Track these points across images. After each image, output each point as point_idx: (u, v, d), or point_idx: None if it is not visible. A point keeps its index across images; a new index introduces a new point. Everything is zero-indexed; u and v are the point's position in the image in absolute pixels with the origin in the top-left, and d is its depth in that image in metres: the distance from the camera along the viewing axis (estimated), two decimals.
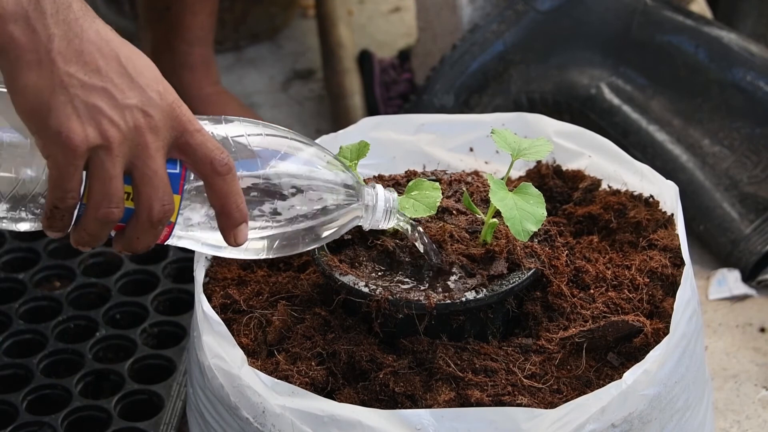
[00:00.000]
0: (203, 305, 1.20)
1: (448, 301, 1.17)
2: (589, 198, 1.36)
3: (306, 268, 1.29)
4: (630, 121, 1.87)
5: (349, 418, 1.09)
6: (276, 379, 1.13)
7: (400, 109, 2.01)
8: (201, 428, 1.24)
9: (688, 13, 1.92)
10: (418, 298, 1.17)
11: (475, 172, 1.38)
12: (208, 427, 1.21)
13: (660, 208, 1.33)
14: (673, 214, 1.32)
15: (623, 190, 1.36)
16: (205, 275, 1.29)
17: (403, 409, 1.12)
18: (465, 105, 1.92)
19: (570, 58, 1.92)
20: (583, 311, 1.21)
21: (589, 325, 1.19)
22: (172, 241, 1.12)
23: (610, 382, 1.13)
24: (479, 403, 1.13)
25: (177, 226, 1.10)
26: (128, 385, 1.52)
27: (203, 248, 1.14)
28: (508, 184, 1.22)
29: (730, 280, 1.77)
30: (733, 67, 1.85)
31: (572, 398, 1.13)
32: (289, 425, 1.11)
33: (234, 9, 2.31)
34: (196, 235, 1.12)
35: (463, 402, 1.13)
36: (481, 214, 1.26)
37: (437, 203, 1.21)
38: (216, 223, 1.10)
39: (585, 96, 1.90)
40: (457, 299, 1.17)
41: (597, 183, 1.37)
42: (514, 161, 1.26)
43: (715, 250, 1.81)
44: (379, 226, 1.20)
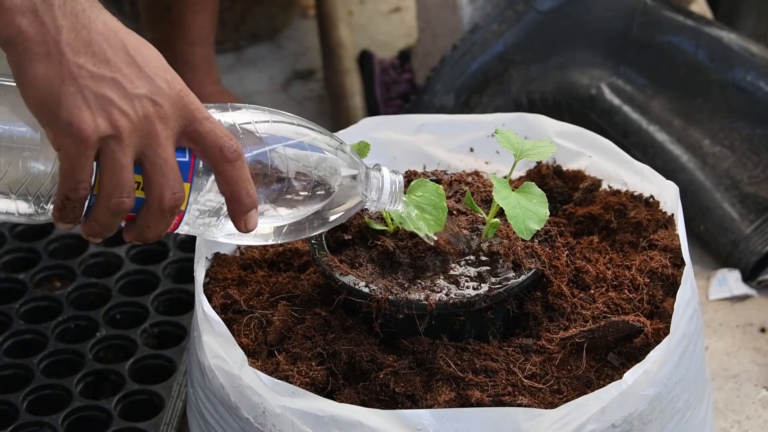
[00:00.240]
0: (204, 305, 1.20)
1: (449, 302, 1.17)
2: (589, 198, 1.36)
3: (306, 269, 1.29)
4: (630, 122, 1.87)
5: (350, 418, 1.09)
6: (276, 380, 1.13)
7: (401, 110, 2.01)
8: (201, 428, 1.24)
9: (688, 13, 1.92)
10: (419, 299, 1.17)
11: (476, 173, 1.38)
12: (209, 427, 1.21)
13: (660, 208, 1.33)
14: (673, 215, 1.32)
15: (623, 190, 1.36)
16: (206, 275, 1.29)
17: (404, 409, 1.12)
18: (465, 105, 1.92)
19: (570, 58, 1.92)
20: (584, 311, 1.21)
21: (590, 325, 1.19)
22: (181, 230, 1.12)
23: (610, 383, 1.13)
24: (479, 404, 1.13)
25: (186, 214, 1.10)
26: (128, 385, 1.52)
27: (212, 235, 1.14)
28: (509, 184, 1.22)
29: (730, 281, 1.77)
30: (733, 67, 1.85)
31: (572, 398, 1.13)
32: (289, 425, 1.11)
33: (234, 9, 2.31)
34: (205, 223, 1.12)
35: (464, 402, 1.13)
36: (482, 213, 1.26)
37: (444, 214, 1.20)
38: (225, 210, 1.10)
39: (585, 96, 1.90)
40: (458, 299, 1.17)
41: (597, 183, 1.37)
42: (517, 161, 1.26)
43: (716, 251, 1.81)
44: (386, 209, 1.20)
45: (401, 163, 1.41)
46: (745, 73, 1.85)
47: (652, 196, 1.34)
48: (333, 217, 1.17)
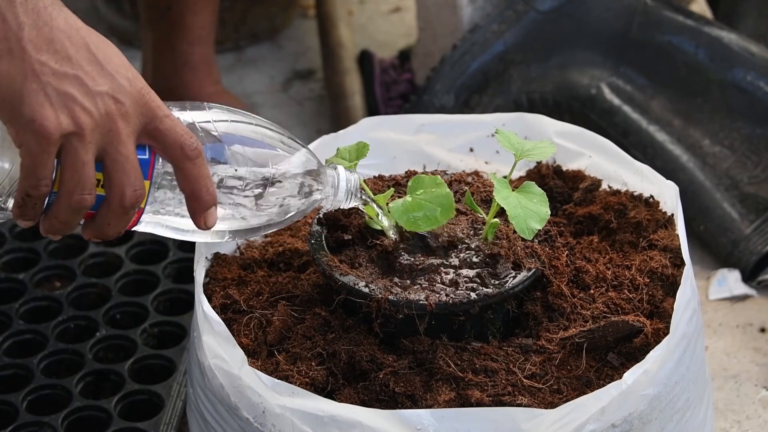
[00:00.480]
0: (203, 305, 1.20)
1: (448, 302, 1.17)
2: (589, 198, 1.36)
3: (306, 269, 1.29)
4: (630, 121, 1.87)
5: (350, 418, 1.09)
6: (276, 380, 1.13)
7: (401, 110, 2.01)
8: (201, 428, 1.24)
9: (688, 13, 1.92)
10: (418, 299, 1.17)
11: (476, 173, 1.38)
12: (209, 427, 1.21)
13: (660, 208, 1.33)
14: (673, 215, 1.32)
15: (623, 190, 1.36)
16: (206, 275, 1.29)
17: (404, 409, 1.12)
18: (465, 105, 1.92)
19: (570, 58, 1.92)
20: (584, 311, 1.21)
21: (590, 325, 1.19)
22: (139, 227, 1.13)
23: (610, 383, 1.13)
24: (479, 403, 1.13)
25: (146, 211, 1.11)
26: (128, 385, 1.52)
27: (169, 232, 1.16)
28: (509, 184, 1.22)
29: (730, 281, 1.77)
30: (733, 67, 1.85)
31: (572, 398, 1.13)
32: (289, 425, 1.11)
33: (234, 9, 2.31)
34: (163, 220, 1.14)
35: (464, 402, 1.13)
36: (482, 213, 1.26)
37: (452, 202, 1.20)
38: (183, 208, 1.11)
39: (585, 96, 1.90)
40: (458, 299, 1.17)
41: (597, 183, 1.37)
42: (518, 162, 1.26)
43: (716, 251, 1.81)
44: (341, 206, 1.22)
45: (401, 163, 1.41)
46: (745, 73, 1.85)
47: (652, 196, 1.34)
48: (289, 215, 1.18)
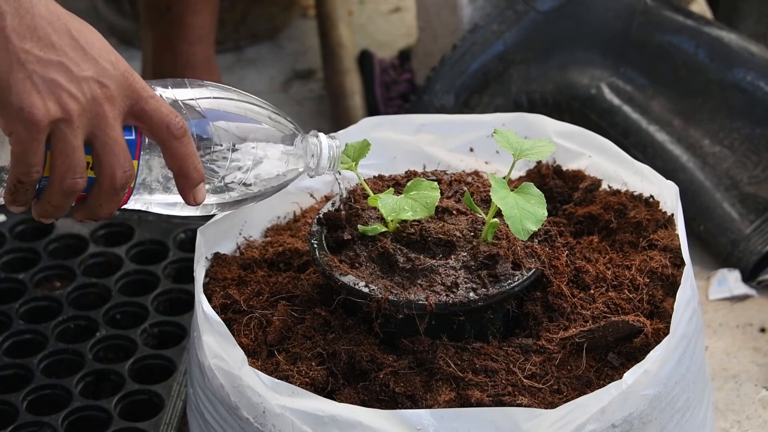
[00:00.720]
0: (203, 305, 1.20)
1: (449, 302, 1.17)
2: (589, 198, 1.36)
3: (306, 268, 1.29)
4: (630, 122, 1.87)
5: (350, 418, 1.09)
6: (276, 380, 1.13)
7: (401, 110, 2.01)
8: (201, 428, 1.24)
9: (688, 13, 1.92)
10: (419, 299, 1.17)
11: (476, 173, 1.38)
12: (209, 427, 1.21)
13: (660, 208, 1.33)
14: (673, 215, 1.32)
15: (623, 190, 1.36)
16: (206, 275, 1.30)
17: (404, 409, 1.12)
18: (465, 105, 1.92)
19: (570, 58, 1.92)
20: (584, 311, 1.21)
21: (590, 325, 1.19)
22: (129, 205, 1.15)
23: (610, 383, 1.13)
24: (479, 404, 1.13)
25: (135, 190, 1.13)
26: (128, 385, 1.52)
27: (158, 208, 1.18)
28: (509, 184, 1.22)
29: (730, 281, 1.77)
30: (733, 67, 1.85)
31: (572, 398, 1.13)
32: (289, 425, 1.11)
33: (234, 9, 2.31)
34: (152, 197, 1.16)
35: (464, 402, 1.13)
36: (482, 213, 1.26)
37: (435, 203, 1.21)
38: (170, 185, 1.13)
39: (585, 96, 1.90)
40: (457, 299, 1.17)
41: (597, 183, 1.37)
42: (516, 161, 1.26)
43: (716, 251, 1.81)
44: (324, 173, 1.24)
45: (401, 163, 1.41)
46: (745, 73, 1.85)
47: (652, 196, 1.34)
48: (274, 184, 1.21)
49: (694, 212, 1.81)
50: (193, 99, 1.15)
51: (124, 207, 1.15)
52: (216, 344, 1.18)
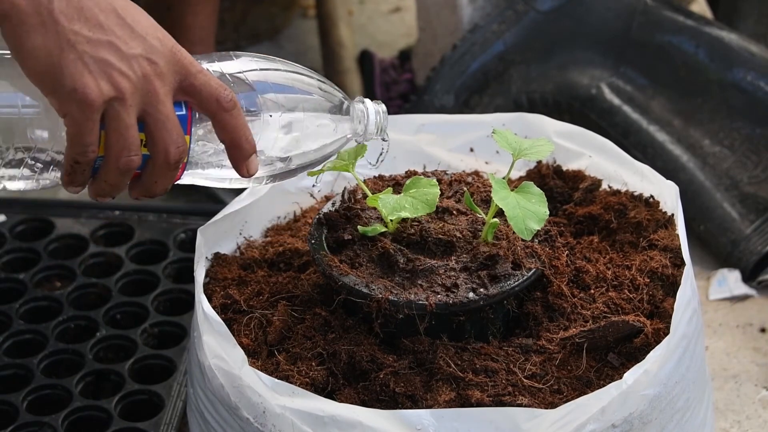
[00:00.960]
0: (204, 305, 1.20)
1: (449, 302, 1.17)
2: (589, 198, 1.36)
3: (306, 269, 1.29)
4: (630, 122, 1.87)
5: (350, 418, 1.09)
6: (276, 380, 1.13)
7: (401, 110, 2.01)
8: (201, 428, 1.24)
9: (688, 13, 1.92)
10: (419, 299, 1.17)
11: (476, 173, 1.38)
12: (209, 427, 1.21)
13: (660, 208, 1.33)
14: (673, 215, 1.32)
15: (623, 190, 1.36)
16: (206, 275, 1.30)
17: (404, 409, 1.12)
18: (465, 105, 1.92)
19: (570, 58, 1.92)
20: (584, 311, 1.21)
21: (590, 325, 1.19)
22: (183, 180, 1.15)
23: (610, 383, 1.13)
24: (479, 404, 1.13)
25: (188, 165, 1.14)
26: (128, 385, 1.52)
27: (211, 182, 1.18)
28: (509, 184, 1.22)
29: (730, 281, 1.77)
30: (733, 67, 1.85)
31: (572, 398, 1.13)
32: (289, 425, 1.11)
33: (234, 9, 2.31)
34: (205, 172, 1.16)
35: (464, 402, 1.13)
36: (482, 213, 1.26)
37: (436, 200, 1.21)
38: (223, 158, 1.14)
39: (585, 96, 1.90)
40: (457, 299, 1.17)
41: (597, 183, 1.37)
42: (515, 161, 1.26)
43: (716, 251, 1.81)
44: (371, 139, 1.24)
45: (401, 163, 1.41)
46: (745, 73, 1.85)
47: (652, 196, 1.34)
48: (323, 153, 1.21)
49: (694, 212, 1.81)
50: (241, 72, 1.15)
51: (178, 182, 1.15)
52: (216, 344, 1.18)
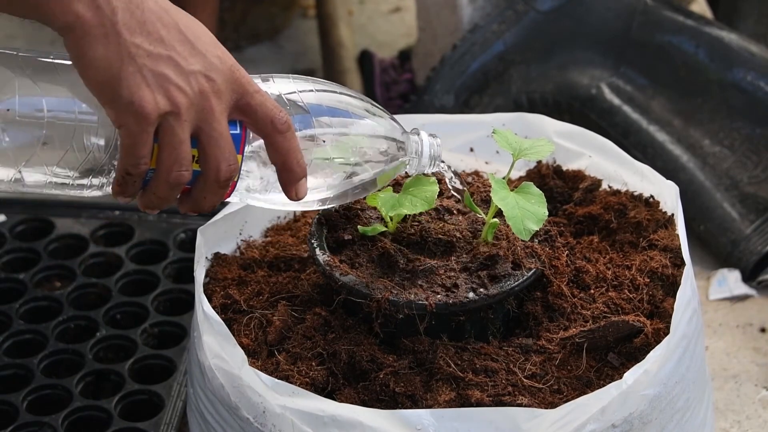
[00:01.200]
0: (204, 305, 1.20)
1: (449, 302, 1.17)
2: (589, 198, 1.36)
3: (306, 269, 1.29)
4: (630, 122, 1.87)
5: (350, 418, 1.09)
6: (276, 379, 1.13)
7: (401, 110, 2.01)
8: (201, 428, 1.24)
9: (688, 13, 1.92)
10: (419, 299, 1.17)
11: (476, 173, 1.38)
12: (209, 427, 1.21)
13: (660, 208, 1.33)
14: (673, 215, 1.32)
15: (623, 190, 1.36)
16: (206, 275, 1.30)
17: (404, 409, 1.12)
18: (465, 105, 1.92)
19: (570, 58, 1.92)
20: (584, 311, 1.21)
21: (590, 325, 1.19)
22: (232, 198, 1.16)
23: (610, 383, 1.13)
24: (479, 404, 1.13)
25: (238, 184, 1.14)
26: (128, 385, 1.52)
27: (260, 203, 1.18)
28: (509, 184, 1.22)
29: (730, 281, 1.77)
30: (733, 67, 1.85)
31: (572, 398, 1.13)
32: (289, 425, 1.11)
33: (234, 9, 2.31)
34: (255, 192, 1.16)
35: (464, 402, 1.13)
36: (482, 213, 1.26)
37: (435, 196, 1.21)
38: (274, 180, 1.14)
39: (585, 96, 1.90)
40: (457, 299, 1.17)
41: (597, 183, 1.37)
42: (515, 161, 1.26)
43: (716, 251, 1.81)
44: (425, 171, 1.23)
45: None
46: (745, 73, 1.85)
47: (652, 196, 1.34)
48: (375, 180, 1.20)
49: (694, 212, 1.81)
50: (296, 92, 1.15)
51: (228, 200, 1.15)
52: (216, 344, 1.18)
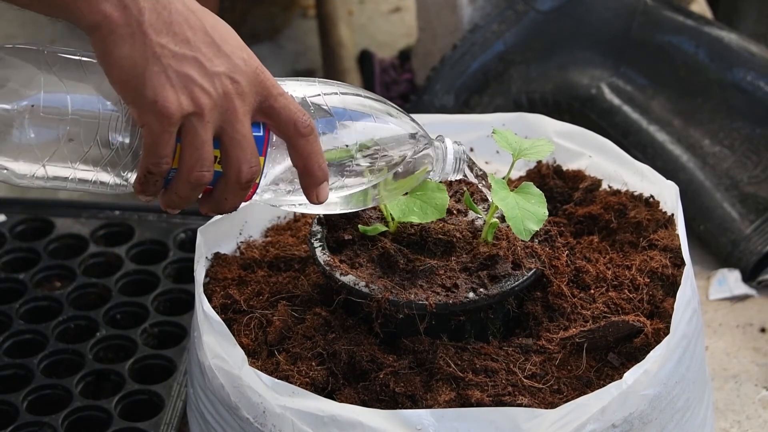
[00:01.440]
0: (204, 305, 1.20)
1: (449, 302, 1.17)
2: (589, 198, 1.36)
3: (306, 269, 1.29)
4: (630, 122, 1.87)
5: (350, 418, 1.09)
6: (276, 380, 1.13)
7: None
8: (201, 428, 1.24)
9: (688, 13, 1.92)
10: (419, 299, 1.17)
11: None
12: (209, 427, 1.21)
13: (660, 208, 1.33)
14: (673, 214, 1.32)
15: (623, 190, 1.36)
16: (206, 275, 1.30)
17: (404, 409, 1.12)
18: (465, 105, 1.92)
19: (570, 58, 1.92)
20: (584, 311, 1.21)
21: (590, 325, 1.19)
22: (254, 200, 1.16)
23: (610, 383, 1.13)
24: (479, 404, 1.13)
25: (260, 186, 1.14)
26: (128, 385, 1.52)
27: (281, 205, 1.18)
28: (509, 184, 1.22)
29: (730, 280, 1.77)
30: (733, 67, 1.85)
31: (572, 398, 1.13)
32: (289, 425, 1.11)
33: (234, 9, 2.31)
34: (276, 195, 1.16)
35: (464, 402, 1.13)
36: (482, 214, 1.26)
37: (446, 205, 1.21)
38: (296, 182, 1.14)
39: (585, 96, 1.90)
40: (457, 299, 1.17)
41: (597, 183, 1.37)
42: (515, 161, 1.26)
43: (716, 250, 1.81)
44: (449, 178, 1.23)
45: None
46: (745, 73, 1.85)
47: (652, 196, 1.34)
48: (397, 185, 1.20)
49: (694, 212, 1.81)
50: (320, 95, 1.15)
51: (248, 202, 1.15)
52: (216, 344, 1.18)
